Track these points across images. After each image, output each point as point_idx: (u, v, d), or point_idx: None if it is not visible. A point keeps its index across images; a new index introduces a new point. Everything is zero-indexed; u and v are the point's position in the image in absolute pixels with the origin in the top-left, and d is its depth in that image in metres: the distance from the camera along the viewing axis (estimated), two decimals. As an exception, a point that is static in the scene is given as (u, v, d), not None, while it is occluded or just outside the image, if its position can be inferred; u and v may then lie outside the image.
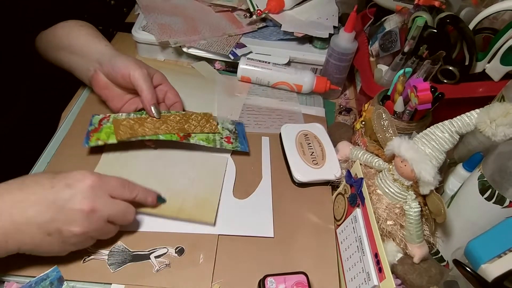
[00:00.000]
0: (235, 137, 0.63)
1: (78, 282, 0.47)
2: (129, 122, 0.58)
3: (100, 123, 0.59)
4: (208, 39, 0.76)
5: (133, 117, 0.59)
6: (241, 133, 0.65)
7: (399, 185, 0.49)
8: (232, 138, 0.63)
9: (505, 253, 0.41)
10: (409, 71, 0.56)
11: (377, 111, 0.52)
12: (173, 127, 0.58)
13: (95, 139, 0.56)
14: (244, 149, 0.62)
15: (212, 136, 0.61)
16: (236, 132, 0.64)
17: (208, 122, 0.62)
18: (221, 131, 0.63)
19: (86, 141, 0.56)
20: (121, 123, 0.57)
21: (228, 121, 0.66)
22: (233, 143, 0.62)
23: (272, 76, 0.74)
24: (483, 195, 0.46)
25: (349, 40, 0.70)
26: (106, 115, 0.60)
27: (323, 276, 0.51)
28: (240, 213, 0.56)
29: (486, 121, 0.42)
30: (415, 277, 0.49)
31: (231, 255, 0.51)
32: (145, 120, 0.58)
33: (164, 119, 0.59)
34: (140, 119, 0.59)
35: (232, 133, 0.63)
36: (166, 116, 0.60)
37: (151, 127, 0.57)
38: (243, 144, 0.63)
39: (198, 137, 0.60)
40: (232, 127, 0.65)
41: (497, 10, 0.58)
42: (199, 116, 0.63)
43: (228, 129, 0.64)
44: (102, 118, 0.60)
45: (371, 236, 0.46)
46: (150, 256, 0.50)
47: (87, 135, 0.57)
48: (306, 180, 0.59)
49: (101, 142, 0.56)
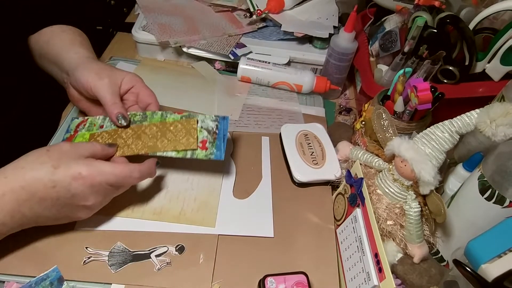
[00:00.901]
0: (213, 140, 0.54)
1: (78, 282, 0.47)
2: (102, 137, 0.54)
3: (77, 129, 0.56)
4: (208, 39, 0.76)
5: (107, 130, 0.55)
6: (221, 132, 0.56)
7: (399, 185, 0.49)
8: (208, 141, 0.54)
9: (505, 253, 0.41)
10: (409, 71, 0.56)
11: (377, 111, 0.52)
12: (144, 144, 0.52)
13: None
14: (219, 157, 0.53)
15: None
16: (216, 132, 0.56)
17: (188, 134, 0.53)
18: (198, 133, 0.55)
19: None
20: (95, 137, 0.54)
21: (210, 118, 0.57)
22: (208, 148, 0.53)
23: (272, 76, 0.74)
24: (483, 195, 0.46)
25: (349, 40, 0.70)
26: (84, 119, 0.57)
27: (323, 276, 0.51)
28: (240, 213, 0.56)
29: (486, 121, 0.42)
30: (415, 277, 0.49)
31: (231, 255, 0.51)
32: (120, 133, 0.54)
33: (139, 131, 0.53)
34: (116, 131, 0.54)
35: (211, 133, 0.55)
36: (140, 127, 0.54)
37: (122, 143, 0.53)
38: (219, 150, 0.53)
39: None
40: (214, 124, 0.56)
41: (497, 10, 0.58)
42: (179, 124, 0.54)
43: (207, 129, 0.55)
44: (80, 123, 0.57)
45: (371, 236, 0.46)
46: (150, 255, 0.50)
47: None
48: (306, 180, 0.59)
49: None
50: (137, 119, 0.56)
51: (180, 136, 0.53)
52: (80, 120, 0.58)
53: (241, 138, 0.66)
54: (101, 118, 0.57)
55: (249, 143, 0.65)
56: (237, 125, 0.68)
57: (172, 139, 0.53)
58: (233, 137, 0.66)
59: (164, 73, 0.76)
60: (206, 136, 0.55)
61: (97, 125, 0.57)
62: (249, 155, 0.64)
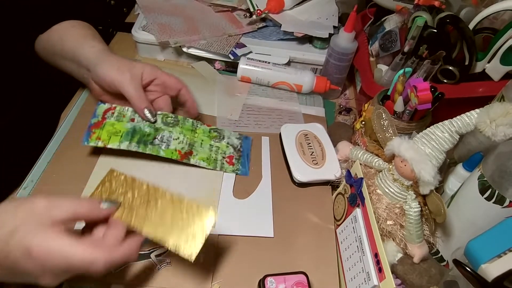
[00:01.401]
0: (238, 157, 0.61)
1: (78, 282, 0.46)
2: (118, 180, 0.46)
3: (104, 115, 0.57)
4: (208, 39, 0.76)
5: (126, 176, 0.46)
6: (245, 151, 0.62)
7: (399, 185, 0.49)
8: (235, 157, 0.60)
9: (505, 253, 0.41)
10: (409, 71, 0.56)
11: (377, 111, 0.52)
12: (145, 219, 0.43)
13: (95, 137, 0.54)
14: (245, 173, 0.60)
15: (214, 156, 0.60)
16: (241, 150, 0.62)
17: (195, 237, 0.42)
18: (225, 148, 0.60)
19: (86, 139, 0.54)
20: (116, 175, 0.46)
21: (235, 135, 0.63)
22: (234, 164, 0.60)
23: (272, 76, 0.74)
24: (483, 195, 0.46)
25: (349, 40, 0.70)
26: (112, 106, 0.57)
27: (323, 276, 0.51)
28: (240, 213, 0.56)
29: (486, 121, 0.42)
30: (415, 277, 0.49)
31: (231, 255, 0.51)
32: (135, 186, 0.45)
33: (150, 197, 0.44)
34: (133, 181, 0.45)
35: (236, 150, 0.61)
36: (155, 193, 0.45)
37: (128, 203, 0.44)
38: (245, 167, 0.60)
39: (199, 156, 0.58)
40: (238, 142, 0.62)
41: (497, 10, 0.58)
42: (192, 214, 0.44)
43: (233, 146, 0.61)
44: (108, 109, 0.57)
45: (371, 236, 0.46)
46: (150, 255, 0.50)
47: (88, 129, 0.55)
48: (306, 180, 0.59)
49: (101, 144, 0.54)
50: (169, 121, 0.59)
51: (188, 232, 0.43)
52: (108, 106, 0.58)
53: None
54: (131, 110, 0.58)
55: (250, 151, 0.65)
56: (237, 125, 0.68)
57: (177, 233, 0.43)
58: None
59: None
60: (232, 152, 0.61)
61: (127, 117, 0.58)
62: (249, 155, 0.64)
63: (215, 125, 0.66)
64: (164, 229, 0.43)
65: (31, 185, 0.55)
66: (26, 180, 0.55)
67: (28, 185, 0.55)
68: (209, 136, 0.60)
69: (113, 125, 0.56)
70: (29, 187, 0.55)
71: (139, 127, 0.57)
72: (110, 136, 0.55)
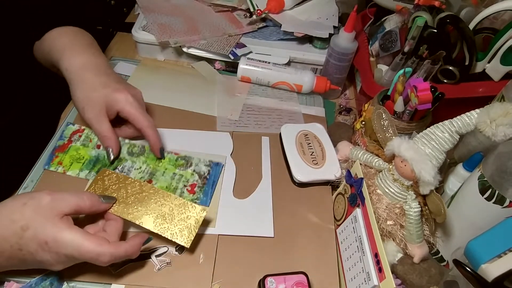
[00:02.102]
0: (202, 185, 0.57)
1: (78, 282, 0.47)
2: (110, 179, 0.50)
3: (71, 138, 0.55)
4: (208, 39, 0.76)
5: (118, 174, 0.51)
6: (212, 178, 0.59)
7: (399, 185, 0.49)
8: (198, 185, 0.57)
9: (505, 253, 0.41)
10: (409, 71, 0.56)
11: (377, 111, 0.52)
12: (142, 213, 0.48)
13: (57, 162, 0.55)
14: (204, 202, 0.55)
15: (175, 184, 0.57)
16: (207, 177, 0.58)
17: (189, 228, 0.48)
18: (189, 176, 0.58)
19: (48, 163, 0.55)
20: (105, 175, 0.51)
21: (204, 162, 0.60)
22: (196, 192, 0.56)
23: (272, 76, 0.74)
24: (483, 195, 0.46)
25: (349, 40, 0.70)
26: (81, 128, 0.56)
27: (323, 276, 0.51)
28: (240, 213, 0.56)
29: (486, 121, 0.42)
30: (415, 277, 0.49)
31: (231, 255, 0.51)
32: (128, 183, 0.50)
33: (144, 193, 0.50)
34: (126, 178, 0.51)
35: (202, 178, 0.58)
36: (150, 188, 0.50)
37: (122, 198, 0.48)
38: (206, 196, 0.56)
39: (159, 185, 0.56)
40: (206, 169, 0.59)
41: (497, 10, 0.58)
42: (186, 208, 0.50)
43: (198, 174, 0.58)
44: (75, 131, 0.56)
45: (371, 236, 0.46)
46: (150, 255, 0.50)
47: (52, 152, 0.55)
48: (306, 180, 0.59)
49: (61, 170, 0.55)
50: (135, 151, 0.58)
51: (181, 221, 0.49)
52: (76, 128, 0.57)
53: (241, 138, 0.66)
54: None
55: (249, 143, 0.65)
56: (237, 125, 0.68)
57: (172, 222, 0.48)
58: (233, 137, 0.66)
59: (164, 73, 0.76)
60: (196, 180, 0.58)
61: (93, 143, 0.58)
62: (249, 155, 0.64)
63: (214, 126, 0.66)
64: (160, 220, 0.48)
65: (31, 185, 0.55)
66: (26, 180, 0.55)
67: (28, 185, 0.55)
68: (175, 165, 0.59)
69: (78, 150, 0.56)
70: (29, 187, 0.55)
71: (103, 156, 0.58)
72: (72, 162, 0.56)
